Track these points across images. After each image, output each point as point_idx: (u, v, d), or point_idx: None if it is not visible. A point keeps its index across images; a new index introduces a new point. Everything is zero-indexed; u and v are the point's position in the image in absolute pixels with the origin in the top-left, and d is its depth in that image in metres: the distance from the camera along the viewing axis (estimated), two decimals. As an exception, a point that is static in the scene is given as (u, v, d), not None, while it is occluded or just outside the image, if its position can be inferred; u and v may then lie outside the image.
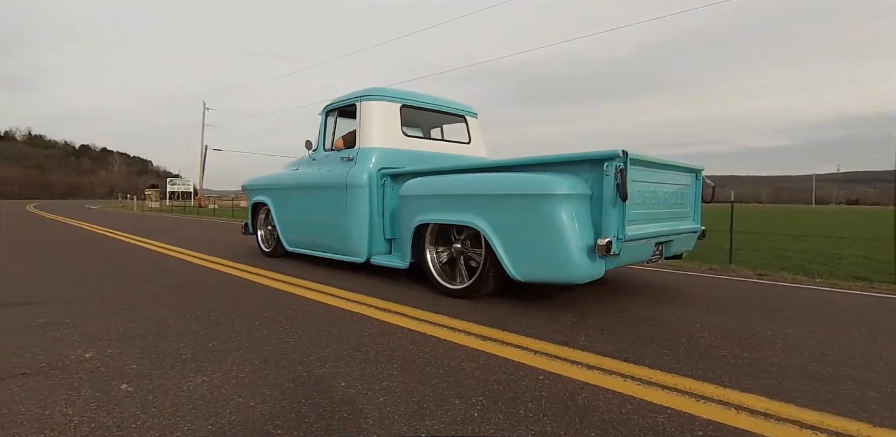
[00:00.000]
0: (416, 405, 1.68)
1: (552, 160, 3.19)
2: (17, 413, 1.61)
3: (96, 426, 1.53)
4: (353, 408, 1.65)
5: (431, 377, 1.94)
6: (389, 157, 4.44)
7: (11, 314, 2.90)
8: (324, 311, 3.06)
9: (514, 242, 3.13)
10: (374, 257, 4.33)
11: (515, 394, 1.78)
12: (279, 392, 1.78)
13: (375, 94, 4.53)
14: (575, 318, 2.92)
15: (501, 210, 3.20)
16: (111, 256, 5.93)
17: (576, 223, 2.90)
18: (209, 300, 3.33)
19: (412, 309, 3.09)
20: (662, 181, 3.48)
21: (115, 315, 2.90)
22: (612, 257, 2.91)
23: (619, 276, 4.58)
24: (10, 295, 3.46)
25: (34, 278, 4.17)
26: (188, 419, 1.57)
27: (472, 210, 3.36)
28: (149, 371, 1.99)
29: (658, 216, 3.44)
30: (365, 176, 4.30)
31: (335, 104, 4.89)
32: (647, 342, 2.44)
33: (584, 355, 2.22)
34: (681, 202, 3.80)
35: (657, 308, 3.20)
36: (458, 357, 2.19)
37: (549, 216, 2.93)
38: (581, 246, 2.86)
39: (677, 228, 3.63)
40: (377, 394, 1.77)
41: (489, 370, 2.04)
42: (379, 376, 1.95)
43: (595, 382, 1.91)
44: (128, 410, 1.64)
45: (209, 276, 4.40)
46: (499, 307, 3.17)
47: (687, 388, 1.86)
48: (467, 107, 5.36)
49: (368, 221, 4.32)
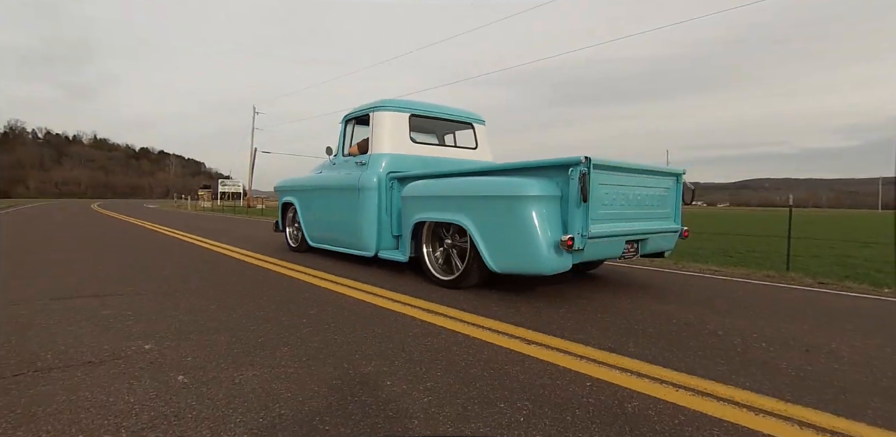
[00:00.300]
0: (460, 407, 1.67)
1: (529, 165, 3.54)
2: (84, 400, 1.71)
3: (155, 414, 1.60)
4: (399, 408, 1.66)
5: (475, 380, 1.93)
6: (398, 162, 4.86)
7: (80, 306, 3.09)
8: (368, 310, 3.10)
9: (493, 237, 3.51)
10: (382, 252, 4.75)
11: (562, 400, 1.75)
12: (327, 389, 1.81)
13: (387, 105, 4.97)
14: (622, 324, 2.84)
15: (483, 210, 3.59)
16: (168, 252, 6.24)
17: (545, 221, 3.25)
18: (258, 297, 3.44)
19: (456, 311, 3.08)
20: (634, 184, 3.72)
21: (172, 309, 3.04)
22: (577, 252, 3.24)
23: (666, 281, 4.43)
24: (80, 288, 3.68)
25: (100, 272, 4.42)
26: (240, 412, 1.62)
27: (459, 210, 3.77)
28: (203, 364, 2.07)
29: (628, 216, 3.68)
30: (375, 179, 4.73)
31: (353, 114, 5.36)
32: (699, 351, 2.34)
33: (633, 363, 2.15)
34: (659, 204, 4.02)
35: (707, 316, 3.07)
36: (502, 360, 2.16)
37: (522, 215, 3.30)
38: (549, 242, 3.21)
39: (651, 227, 3.87)
40: (422, 394, 1.78)
41: (534, 374, 2.00)
42: (423, 376, 1.96)
43: (645, 390, 1.85)
44: (184, 400, 1.71)
45: (257, 273, 4.55)
46: (544, 312, 3.13)
47: (744, 400, 1.77)
48: (474, 115, 5.69)
49: (377, 219, 4.76)
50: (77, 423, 1.53)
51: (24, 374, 1.93)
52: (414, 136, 5.12)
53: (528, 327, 2.72)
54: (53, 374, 1.94)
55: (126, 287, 3.75)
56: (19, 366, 2.02)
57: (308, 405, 1.67)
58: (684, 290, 4.03)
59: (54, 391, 1.77)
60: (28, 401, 1.69)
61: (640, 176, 3.78)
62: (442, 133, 5.73)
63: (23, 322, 2.69)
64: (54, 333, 2.50)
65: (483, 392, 1.80)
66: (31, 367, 2.01)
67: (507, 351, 2.29)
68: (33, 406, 1.65)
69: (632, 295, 3.70)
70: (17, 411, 1.61)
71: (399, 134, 4.97)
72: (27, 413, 1.59)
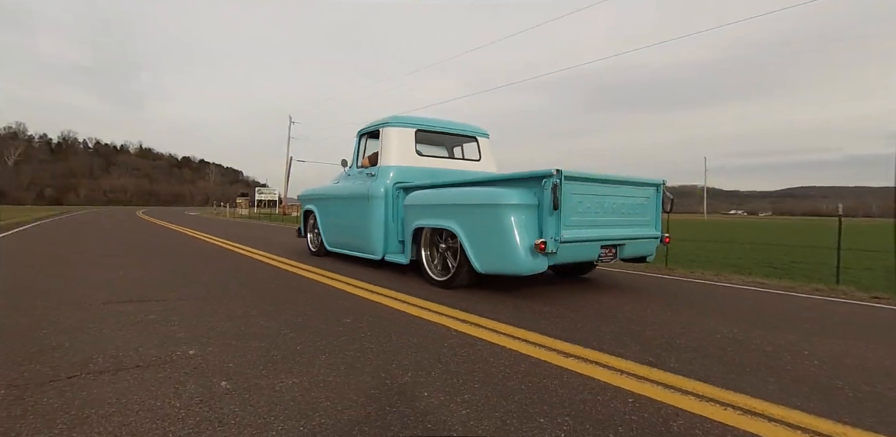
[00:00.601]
0: (499, 421, 1.65)
1: (511, 177, 3.93)
2: (134, 403, 1.76)
3: (200, 419, 1.64)
4: (437, 419, 1.65)
5: (514, 393, 1.90)
6: (404, 173, 5.28)
7: (128, 310, 3.21)
8: (404, 319, 3.11)
9: (478, 241, 3.89)
10: (388, 255, 5.17)
11: (604, 416, 1.70)
12: (365, 398, 1.82)
13: (395, 121, 5.43)
14: (661, 337, 2.75)
15: (469, 216, 3.98)
16: (207, 259, 6.43)
17: (522, 227, 3.61)
18: (295, 304, 3.50)
19: (492, 322, 3.06)
20: (610, 194, 4.02)
21: (213, 315, 3.12)
22: (551, 255, 3.56)
23: (706, 293, 4.29)
24: (126, 293, 3.83)
25: (145, 278, 4.59)
26: (281, 419, 1.64)
27: (451, 217, 4.17)
28: (244, 370, 2.11)
29: (603, 223, 3.97)
30: (382, 189, 5.19)
31: (365, 129, 5.83)
32: (747, 368, 2.25)
33: (676, 379, 2.08)
34: (638, 212, 4.32)
35: (752, 331, 2.95)
36: (541, 373, 2.13)
37: (502, 221, 3.67)
38: (526, 245, 3.56)
39: (628, 233, 4.16)
40: (459, 406, 1.76)
41: (574, 388, 1.96)
42: (461, 388, 1.94)
43: (690, 408, 1.78)
44: (227, 406, 1.74)
45: (292, 279, 4.63)
46: (580, 325, 3.07)
47: (798, 422, 1.68)
48: (478, 129, 6.10)
49: (384, 225, 5.20)
50: (127, 426, 1.58)
51: (78, 376, 2.01)
52: (421, 149, 5.55)
53: (565, 339, 2.67)
54: (104, 377, 2.01)
55: (169, 292, 3.87)
56: (73, 368, 2.10)
57: (347, 415, 1.68)
58: (726, 303, 3.89)
59: (105, 394, 1.83)
60: (81, 403, 1.76)
61: (616, 186, 4.09)
62: (450, 146, 6.13)
63: (75, 325, 2.81)
64: (104, 336, 2.60)
65: (522, 406, 1.78)
66: (84, 369, 2.09)
67: (544, 364, 2.26)
68: (86, 408, 1.71)
69: (669, 307, 3.59)
70: (71, 412, 1.68)
71: (405, 148, 5.40)
72: (80, 415, 1.66)
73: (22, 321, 2.89)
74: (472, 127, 6.06)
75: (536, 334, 2.75)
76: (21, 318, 2.98)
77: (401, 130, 5.42)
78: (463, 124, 6.01)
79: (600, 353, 2.43)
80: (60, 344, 2.45)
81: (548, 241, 3.51)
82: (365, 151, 5.92)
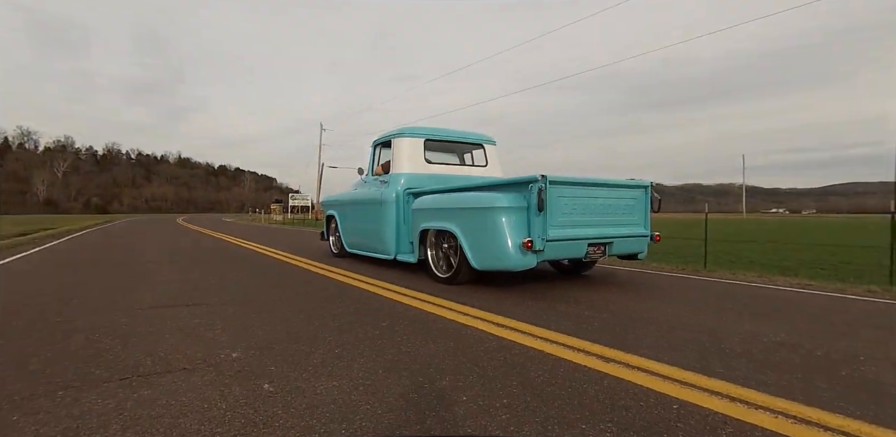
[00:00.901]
0: (540, 427, 1.63)
1: (504, 182, 4.33)
2: (182, 405, 1.82)
3: (246, 421, 1.68)
4: (478, 424, 1.64)
5: (553, 398, 1.88)
6: (414, 180, 5.68)
7: (173, 315, 3.32)
8: (440, 324, 3.11)
9: (474, 241, 4.26)
10: (399, 255, 5.52)
11: (648, 423, 1.66)
12: (404, 402, 1.83)
13: (405, 132, 5.86)
14: (704, 342, 2.67)
15: (466, 219, 4.37)
16: (246, 264, 6.61)
17: (513, 227, 3.97)
18: (333, 308, 3.55)
19: (527, 325, 3.03)
20: (597, 196, 4.34)
21: (255, 319, 3.20)
22: (538, 252, 3.91)
23: (750, 295, 4.14)
24: (171, 298, 3.97)
25: (189, 283, 4.75)
26: (323, 422, 1.67)
27: (451, 219, 4.56)
28: (286, 373, 2.16)
29: (589, 223, 4.29)
30: (393, 195, 5.60)
31: (379, 140, 6.30)
32: (797, 374, 2.16)
33: (723, 385, 2.01)
34: (626, 212, 4.60)
35: (801, 335, 2.83)
36: (580, 378, 2.09)
37: (493, 222, 4.05)
38: (516, 244, 3.92)
39: (616, 232, 4.45)
40: (499, 412, 1.75)
41: (615, 394, 1.92)
42: (499, 392, 1.93)
43: (739, 416, 1.72)
44: (271, 409, 1.78)
45: (326, 283, 4.70)
46: (619, 328, 3.01)
47: (856, 431, 1.60)
48: (484, 136, 6.47)
49: (396, 227, 5.61)
50: (177, 427, 1.64)
51: (130, 378, 2.09)
52: (430, 156, 5.95)
53: (603, 343, 2.62)
54: (154, 379, 2.09)
55: (212, 297, 3.99)
56: (125, 371, 2.19)
57: (387, 418, 1.69)
58: (772, 305, 3.74)
59: (156, 396, 1.90)
60: (133, 404, 1.83)
61: (602, 189, 4.39)
62: (460, 153, 6.50)
63: (126, 329, 2.92)
64: (153, 340, 2.70)
65: (562, 412, 1.75)
66: (135, 372, 2.18)
67: (584, 369, 2.22)
68: (138, 409, 1.78)
69: (711, 311, 3.48)
70: (124, 413, 1.75)
71: (415, 156, 5.81)
72: (133, 416, 1.72)
73: (78, 324, 3.03)
74: (478, 135, 6.42)
75: (574, 339, 2.71)
76: (77, 322, 3.12)
77: (411, 140, 5.83)
78: (469, 133, 6.38)
79: (642, 358, 2.37)
80: (112, 347, 2.56)
81: (535, 239, 3.87)
82: (379, 160, 6.37)
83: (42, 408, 1.79)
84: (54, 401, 1.85)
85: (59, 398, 1.88)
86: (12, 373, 2.17)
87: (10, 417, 1.72)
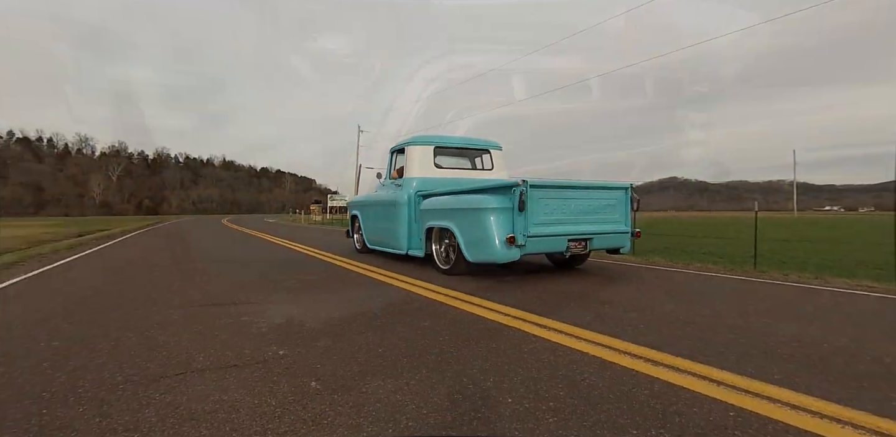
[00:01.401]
0: (588, 431, 1.59)
1: (493, 186, 4.98)
2: (234, 400, 1.88)
3: (295, 418, 1.71)
4: (525, 427, 1.62)
5: (601, 402, 1.83)
6: (425, 183, 6.29)
7: (222, 313, 3.44)
8: (481, 324, 3.10)
9: (467, 237, 4.93)
10: (410, 250, 6.16)
11: (704, 431, 1.59)
12: (449, 403, 1.83)
13: (417, 140, 6.57)
14: (759, 346, 2.55)
15: (462, 218, 5.04)
16: (288, 263, 6.80)
17: (499, 225, 4.60)
18: (374, 307, 3.59)
19: (572, 327, 2.97)
20: (577, 197, 4.93)
21: (299, 317, 3.27)
22: (521, 247, 4.51)
23: (806, 298, 3.94)
24: (219, 296, 4.11)
25: (235, 282, 4.91)
26: (370, 421, 1.68)
27: (450, 218, 5.26)
28: (332, 371, 2.19)
29: (569, 221, 4.85)
30: (406, 197, 6.26)
31: (395, 147, 7.02)
32: (863, 382, 2.03)
33: (781, 391, 1.92)
34: (606, 211, 5.16)
35: (863, 340, 2.67)
36: (628, 382, 2.04)
37: (484, 221, 4.70)
38: (502, 239, 4.54)
39: (596, 229, 5.00)
40: (545, 415, 1.72)
41: (666, 399, 1.86)
42: (545, 395, 1.90)
43: (802, 425, 1.63)
44: (318, 406, 1.81)
45: (367, 282, 4.76)
46: (666, 330, 2.91)
47: (936, 445, 1.49)
48: (490, 142, 7.11)
49: (408, 226, 6.25)
50: (230, 422, 1.68)
51: (184, 374, 2.17)
52: (440, 161, 6.57)
53: (651, 346, 2.54)
54: (207, 375, 2.16)
55: (257, 295, 4.11)
56: (179, 366, 2.28)
57: (433, 418, 1.69)
58: (830, 308, 3.55)
59: (209, 392, 1.97)
60: (188, 399, 1.89)
61: (582, 191, 4.99)
62: (471, 158, 7.04)
63: (179, 327, 3.04)
64: (205, 337, 2.79)
65: (611, 416, 1.70)
66: (189, 367, 2.26)
67: (632, 372, 2.16)
68: (193, 404, 1.84)
69: (766, 314, 3.33)
70: (179, 408, 1.81)
71: (426, 162, 6.45)
72: (189, 411, 1.78)
73: (136, 323, 3.17)
74: (484, 141, 7.06)
75: (620, 341, 2.64)
76: (134, 320, 3.27)
77: (422, 148, 6.49)
78: (476, 139, 7.08)
79: (692, 362, 2.28)
80: (166, 342, 2.66)
81: (517, 235, 4.49)
82: (395, 165, 6.98)
83: (105, 401, 1.88)
84: (115, 394, 1.94)
85: (119, 392, 1.97)
86: (80, 365, 2.28)
87: (77, 409, 1.81)
